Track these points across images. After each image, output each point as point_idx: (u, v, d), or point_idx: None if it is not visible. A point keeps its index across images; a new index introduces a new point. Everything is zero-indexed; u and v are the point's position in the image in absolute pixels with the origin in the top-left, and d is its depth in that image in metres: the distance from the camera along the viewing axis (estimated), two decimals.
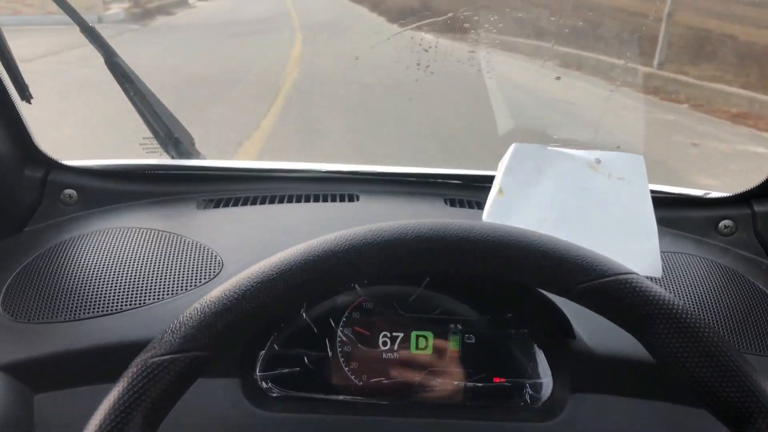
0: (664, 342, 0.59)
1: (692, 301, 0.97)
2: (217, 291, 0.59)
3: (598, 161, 1.07)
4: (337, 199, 1.18)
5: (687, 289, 0.99)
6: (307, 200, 1.17)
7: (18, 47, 1.01)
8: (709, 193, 1.21)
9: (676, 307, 0.59)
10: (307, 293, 0.62)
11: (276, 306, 0.60)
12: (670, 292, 0.97)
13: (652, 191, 1.06)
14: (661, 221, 1.05)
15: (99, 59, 1.16)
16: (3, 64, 0.98)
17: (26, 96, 1.03)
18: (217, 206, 1.14)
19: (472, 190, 1.22)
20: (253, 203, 1.15)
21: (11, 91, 1.01)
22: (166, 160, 1.23)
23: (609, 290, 0.60)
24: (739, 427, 0.57)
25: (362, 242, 0.61)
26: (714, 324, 0.93)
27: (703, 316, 0.95)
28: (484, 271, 0.64)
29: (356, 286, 0.95)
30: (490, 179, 1.09)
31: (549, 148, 1.07)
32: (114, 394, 0.55)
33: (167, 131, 1.21)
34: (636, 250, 1.01)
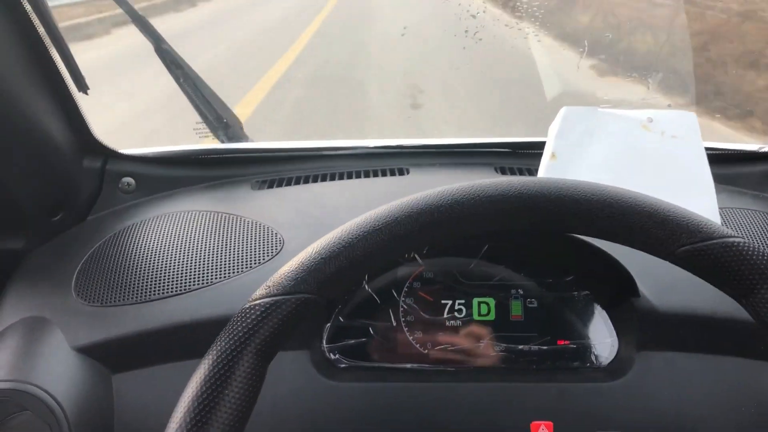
0: None
1: None
2: (325, 239, 0.61)
3: (650, 120, 1.06)
4: (388, 174, 1.18)
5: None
6: (358, 176, 1.18)
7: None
8: (764, 147, 1.18)
9: None
10: (409, 245, 0.63)
11: (380, 255, 0.61)
12: None
13: (706, 148, 1.05)
14: (716, 178, 1.04)
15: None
16: (60, 55, 1.00)
17: (83, 87, 1.05)
18: (270, 186, 1.16)
19: (522, 157, 1.22)
20: (306, 182, 1.17)
21: (69, 83, 1.03)
22: (217, 145, 1.25)
23: (715, 254, 0.58)
24: None
25: (465, 197, 0.62)
26: None
27: None
28: (584, 231, 0.63)
29: (416, 256, 0.96)
30: (539, 146, 1.08)
31: (599, 109, 1.07)
32: (228, 330, 0.57)
33: (216, 116, 1.24)
34: (694, 208, 1.00)
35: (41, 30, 0.95)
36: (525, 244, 0.97)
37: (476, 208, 0.62)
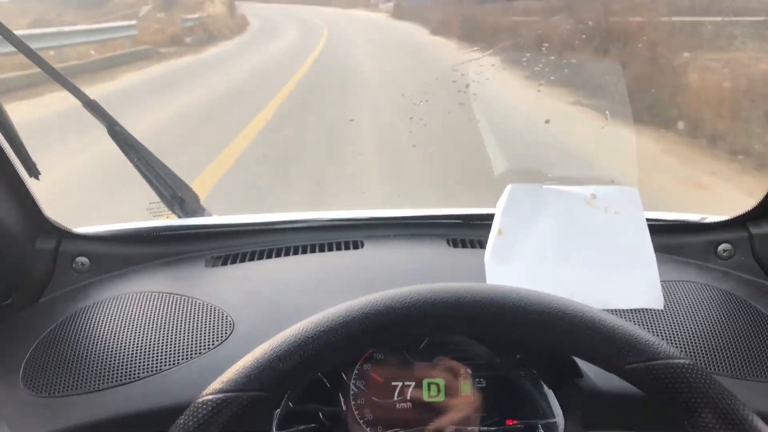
0: None
1: (695, 330, 0.98)
2: (281, 336, 0.61)
3: (594, 196, 1.09)
4: (342, 247, 1.20)
5: (690, 318, 1.01)
6: (313, 250, 1.19)
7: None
8: (706, 218, 1.22)
9: (726, 399, 0.59)
10: (364, 344, 0.64)
11: (334, 354, 0.62)
12: (675, 325, 0.98)
13: (651, 219, 1.08)
14: (662, 248, 1.06)
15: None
16: (8, 141, 1.01)
17: (34, 173, 1.06)
18: (225, 263, 1.16)
19: (473, 228, 1.25)
20: (260, 257, 1.17)
21: (18, 167, 1.04)
22: (173, 221, 1.26)
23: (659, 374, 0.61)
24: None
25: (422, 301, 0.63)
26: (716, 351, 0.95)
27: (706, 344, 0.96)
28: (534, 341, 0.66)
29: None
30: (490, 217, 1.11)
31: (544, 186, 1.10)
32: (179, 424, 0.57)
33: (172, 192, 1.24)
34: (637, 283, 1.03)
35: None
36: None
37: (431, 313, 0.63)
